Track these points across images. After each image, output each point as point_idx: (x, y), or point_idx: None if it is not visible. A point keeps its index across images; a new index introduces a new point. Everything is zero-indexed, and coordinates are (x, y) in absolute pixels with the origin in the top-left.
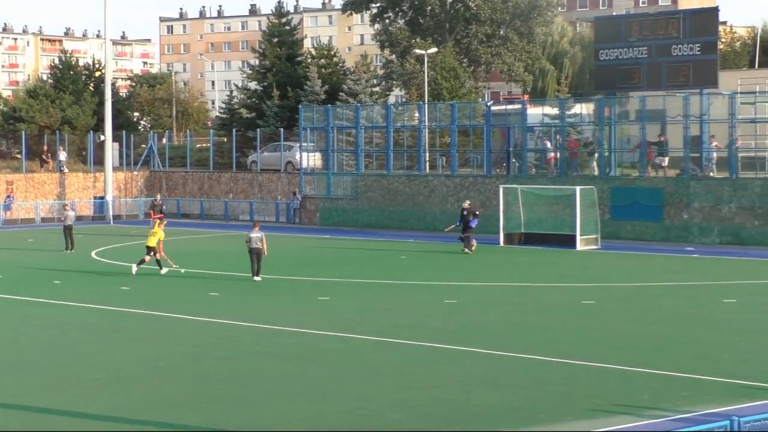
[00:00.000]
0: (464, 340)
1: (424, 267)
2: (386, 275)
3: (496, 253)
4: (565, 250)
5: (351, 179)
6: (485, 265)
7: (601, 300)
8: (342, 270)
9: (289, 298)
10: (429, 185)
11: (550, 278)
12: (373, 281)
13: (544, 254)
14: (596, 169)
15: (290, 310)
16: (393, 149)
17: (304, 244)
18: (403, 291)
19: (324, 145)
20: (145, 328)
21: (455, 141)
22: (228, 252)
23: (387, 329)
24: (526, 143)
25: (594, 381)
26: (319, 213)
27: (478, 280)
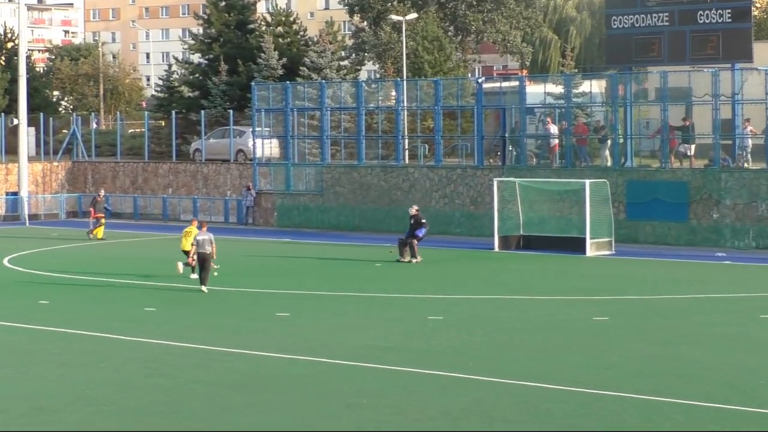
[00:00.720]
0: (452, 364)
1: (404, 277)
2: (358, 286)
3: (490, 260)
4: (572, 257)
5: (315, 171)
6: (477, 275)
7: (615, 316)
8: (305, 280)
9: (241, 313)
10: (409, 178)
11: (555, 290)
12: (342, 294)
13: (547, 261)
14: (609, 159)
15: (242, 328)
16: (365, 135)
17: (259, 249)
18: (378, 305)
19: (282, 130)
20: (68, 350)
21: (440, 125)
22: (167, 258)
23: (359, 351)
24: (525, 128)
25: (608, 413)
26: (277, 212)
27: (469, 292)
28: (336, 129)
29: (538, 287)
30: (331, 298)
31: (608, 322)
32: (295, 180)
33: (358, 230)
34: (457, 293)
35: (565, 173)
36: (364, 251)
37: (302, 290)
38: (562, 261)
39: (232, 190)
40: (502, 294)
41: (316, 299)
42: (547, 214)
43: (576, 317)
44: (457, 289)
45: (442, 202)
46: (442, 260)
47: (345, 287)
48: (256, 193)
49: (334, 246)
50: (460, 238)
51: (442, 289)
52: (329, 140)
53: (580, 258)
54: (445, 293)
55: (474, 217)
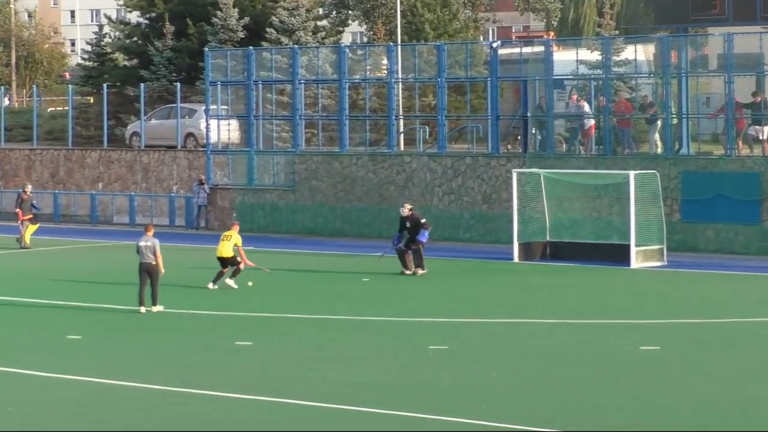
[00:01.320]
0: (459, 406)
1: (399, 295)
2: (341, 307)
3: (508, 274)
4: (612, 269)
5: (285, 161)
6: (491, 292)
7: (668, 344)
8: (272, 300)
9: (192, 342)
10: (405, 170)
11: (591, 311)
12: (320, 317)
13: (580, 275)
14: (659, 145)
15: (194, 361)
16: (349, 115)
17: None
18: (366, 332)
19: (243, 108)
20: None
21: (444, 102)
22: (97, 272)
23: (343, 391)
24: (553, 105)
25: None
26: (237, 212)
27: (481, 314)
28: (312, 107)
29: (569, 308)
30: (306, 322)
31: (659, 353)
32: (259, 172)
33: (340, 236)
34: (467, 315)
35: (603, 163)
36: (348, 262)
37: (269, 312)
38: (600, 275)
39: (179, 185)
40: (524, 317)
41: (286, 324)
42: (580, 215)
43: (618, 346)
44: (466, 311)
45: (447, 200)
46: (447, 274)
47: (324, 308)
48: (211, 189)
49: (310, 255)
50: (470, 245)
51: (448, 311)
52: (303, 121)
53: (623, 271)
54: (451, 315)
55: (487, 219)
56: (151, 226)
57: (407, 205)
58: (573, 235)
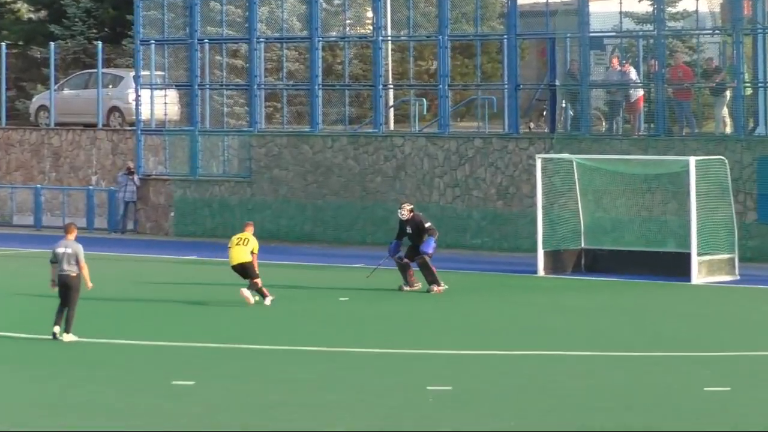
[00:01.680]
0: None
1: (387, 319)
2: (311, 336)
3: (532, 291)
4: (668, 285)
5: (239, 144)
6: (509, 316)
7: (740, 384)
8: (221, 327)
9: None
10: (395, 155)
11: (638, 341)
12: (284, 348)
13: (625, 293)
14: (728, 122)
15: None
16: (323, 84)
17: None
18: (344, 368)
19: (184, 75)
20: None
21: (446, 68)
22: None
23: None
24: (589, 71)
25: None
26: (176, 211)
27: (493, 344)
28: (275, 74)
29: (610, 337)
30: (266, 355)
31: (729, 396)
32: (205, 158)
33: (310, 241)
34: (476, 346)
35: (655, 146)
36: (322, 276)
37: (217, 342)
38: (652, 293)
39: (100, 175)
40: (551, 348)
41: (240, 357)
42: (625, 215)
43: (676, 387)
44: (475, 340)
45: (451, 195)
46: (450, 292)
47: (289, 337)
48: (141, 180)
49: (271, 267)
50: (481, 254)
51: (451, 340)
52: (263, 92)
53: (682, 287)
54: (455, 346)
55: (503, 220)
56: (74, 227)
57: (406, 206)
58: (615, 242)
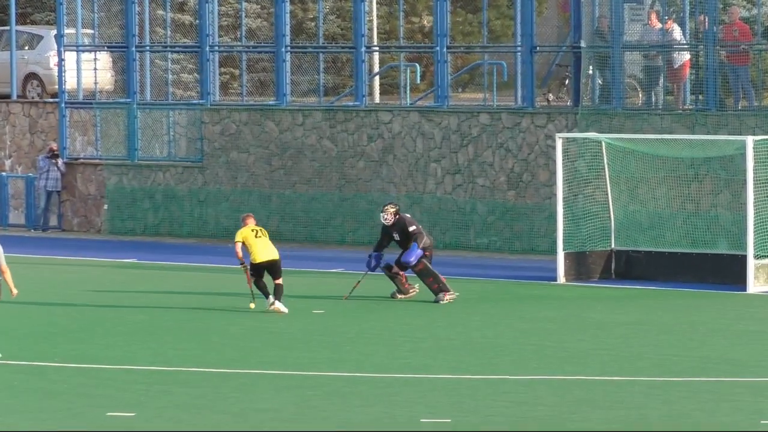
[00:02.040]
0: None
1: (371, 336)
2: (278, 356)
3: (550, 302)
4: (719, 294)
5: (188, 120)
6: (519, 333)
7: None
8: (167, 345)
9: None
10: (381, 135)
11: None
12: (244, 372)
13: (666, 304)
14: None
15: None
16: (292, 46)
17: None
18: (321, 395)
19: (120, 34)
20: None
21: (444, 25)
22: None
23: None
24: (622, 29)
25: None
26: (109, 204)
27: (502, 368)
28: (231, 32)
29: (648, 358)
30: (221, 379)
31: None
32: (146, 138)
33: (277, 240)
34: (481, 370)
35: (704, 123)
36: (291, 284)
37: (161, 365)
38: (699, 304)
39: (15, 159)
40: (574, 372)
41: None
42: (666, 209)
43: (728, 419)
44: (479, 363)
45: (451, 183)
46: (452, 303)
47: (249, 358)
48: (66, 166)
49: (228, 273)
50: (487, 256)
51: (450, 362)
52: (217, 55)
53: (736, 297)
54: (455, 370)
55: (515, 215)
56: None
57: (390, 207)
58: (654, 242)
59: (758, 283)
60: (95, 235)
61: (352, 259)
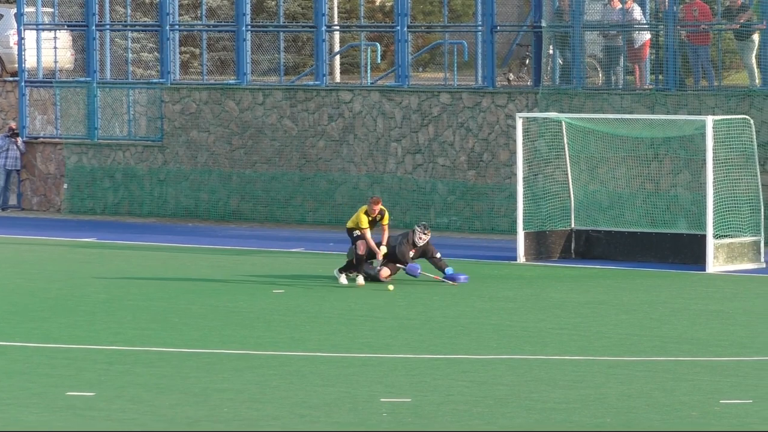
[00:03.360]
0: None
1: (331, 316)
2: (240, 337)
3: (510, 282)
4: (678, 274)
5: (148, 98)
6: (479, 312)
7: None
8: (128, 325)
9: None
10: (342, 114)
11: (642, 342)
12: (204, 352)
13: (626, 284)
14: (757, 74)
15: None
16: (252, 25)
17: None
18: (281, 375)
19: (79, 13)
20: None
21: (405, 5)
22: None
23: None
24: (582, 9)
25: None
26: (69, 183)
27: (462, 348)
28: (192, 11)
29: (608, 338)
30: (183, 359)
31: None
32: (106, 117)
33: (237, 220)
34: (442, 350)
35: (664, 102)
36: (252, 263)
37: (121, 345)
38: (658, 284)
39: None
40: (533, 351)
41: (151, 363)
42: (625, 189)
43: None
44: (441, 342)
45: (411, 163)
46: (409, 282)
47: (212, 338)
48: (26, 145)
49: (189, 252)
50: (448, 236)
51: (411, 342)
52: (177, 34)
53: (695, 277)
54: (416, 350)
55: (476, 195)
56: None
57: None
58: (614, 221)
59: (717, 262)
60: (55, 215)
61: (313, 239)
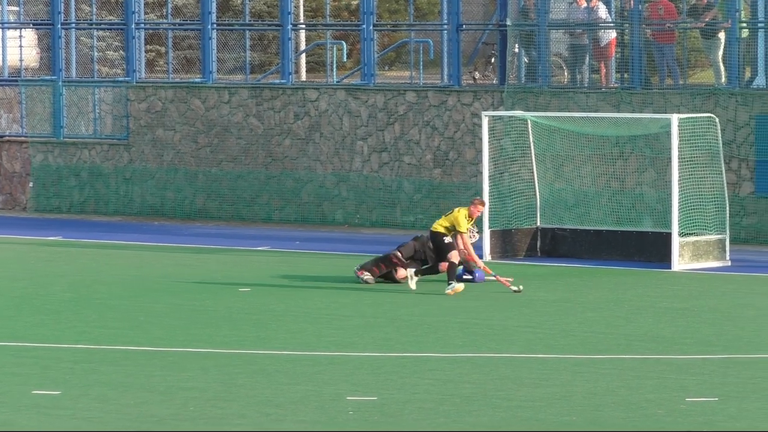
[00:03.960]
0: None
1: (297, 315)
2: (206, 336)
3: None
4: (644, 273)
5: (114, 97)
6: (445, 310)
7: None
8: (94, 323)
9: None
10: (308, 112)
11: (607, 341)
12: (173, 351)
13: (591, 282)
14: (723, 73)
15: None
16: (218, 23)
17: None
18: (247, 373)
19: (45, 12)
20: None
21: (371, 3)
22: None
23: None
24: (548, 7)
25: None
26: (35, 181)
27: (429, 345)
28: (157, 9)
29: (574, 336)
30: (149, 358)
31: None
32: (71, 115)
33: (203, 218)
34: (408, 348)
35: (629, 101)
36: (217, 261)
37: (87, 343)
38: (624, 282)
39: None
40: (498, 349)
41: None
42: (591, 187)
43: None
44: (407, 341)
45: (377, 161)
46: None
47: (177, 336)
48: None
49: (154, 251)
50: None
51: (377, 341)
52: (143, 33)
53: (660, 275)
54: (382, 348)
55: (441, 193)
56: None
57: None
58: (580, 220)
59: (683, 260)
60: (20, 213)
61: (279, 237)
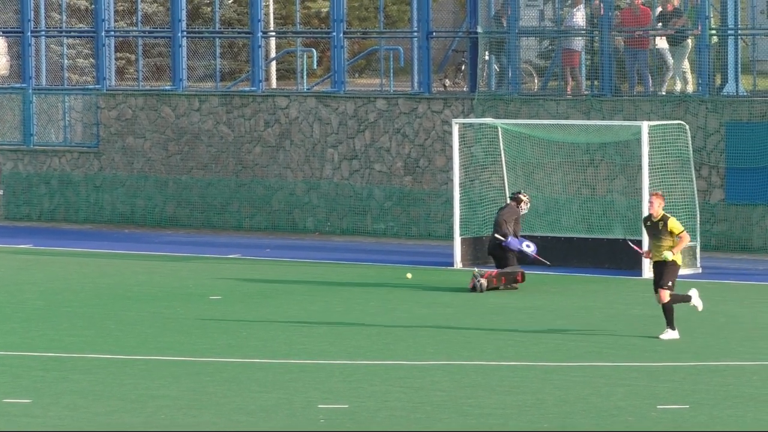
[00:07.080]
0: None
1: (268, 322)
2: (177, 344)
3: (446, 289)
4: (614, 280)
5: (84, 105)
6: (416, 317)
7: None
8: (64, 332)
9: None
10: (278, 120)
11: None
12: (144, 359)
13: (562, 290)
14: (690, 80)
15: None
16: (188, 31)
17: None
18: (218, 381)
19: (15, 19)
20: None
21: (341, 11)
22: None
23: None
24: (518, 14)
25: None
26: (5, 189)
27: (399, 353)
28: (127, 17)
29: (543, 343)
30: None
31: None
32: (41, 123)
33: (174, 226)
34: (378, 356)
35: (600, 108)
36: (188, 269)
37: (58, 351)
38: (594, 289)
39: None
40: (470, 357)
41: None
42: (561, 194)
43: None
44: (377, 348)
45: (347, 169)
46: (348, 288)
47: (148, 344)
48: None
49: (126, 259)
50: (385, 242)
51: (348, 349)
52: (113, 40)
53: (631, 283)
54: (353, 356)
55: (412, 200)
56: None
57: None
58: (551, 227)
59: None
60: None
61: (249, 245)
